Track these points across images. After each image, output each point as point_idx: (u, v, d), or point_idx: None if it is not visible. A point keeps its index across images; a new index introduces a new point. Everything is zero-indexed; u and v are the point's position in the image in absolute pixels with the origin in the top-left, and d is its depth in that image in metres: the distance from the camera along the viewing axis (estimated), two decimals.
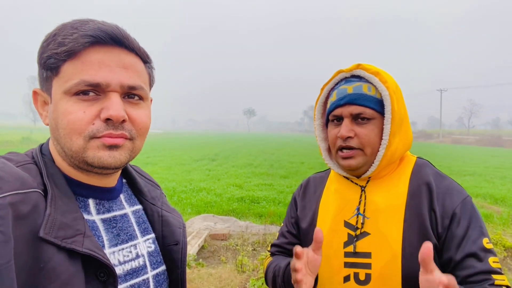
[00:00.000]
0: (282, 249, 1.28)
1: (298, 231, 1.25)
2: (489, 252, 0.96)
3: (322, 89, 1.17)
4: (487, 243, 0.97)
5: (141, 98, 0.74)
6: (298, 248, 0.95)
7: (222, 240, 5.76)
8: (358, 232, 1.07)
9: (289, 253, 1.25)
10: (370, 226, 1.05)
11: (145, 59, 0.76)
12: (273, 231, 6.04)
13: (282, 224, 1.34)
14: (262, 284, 3.97)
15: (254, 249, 5.39)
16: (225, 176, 13.30)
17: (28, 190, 0.62)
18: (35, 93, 0.75)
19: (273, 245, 1.31)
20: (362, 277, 1.03)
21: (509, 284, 0.93)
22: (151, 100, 0.82)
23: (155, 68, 0.81)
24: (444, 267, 0.98)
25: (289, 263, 1.08)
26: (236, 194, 9.60)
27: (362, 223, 1.06)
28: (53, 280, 0.59)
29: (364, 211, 1.07)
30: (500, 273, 0.94)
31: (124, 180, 0.89)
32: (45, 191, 0.66)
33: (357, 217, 1.08)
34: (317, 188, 1.25)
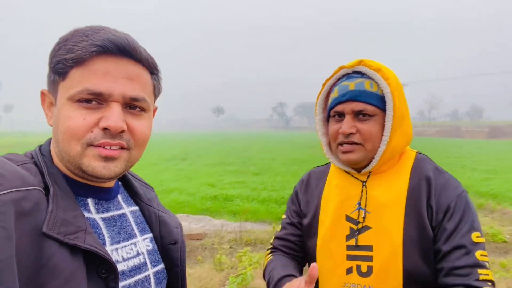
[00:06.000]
0: (285, 241, 1.28)
1: (300, 223, 1.26)
2: (477, 246, 0.97)
3: (324, 84, 1.18)
4: (476, 237, 0.98)
5: (142, 109, 0.75)
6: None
7: (198, 239, 5.73)
8: (359, 226, 1.09)
9: (292, 244, 1.26)
10: (371, 220, 1.07)
11: (152, 70, 0.77)
12: (249, 228, 6.08)
13: (284, 216, 1.33)
14: (242, 281, 4.00)
15: (231, 247, 5.40)
16: (197, 175, 13.18)
17: (29, 187, 0.62)
18: (43, 93, 0.75)
19: (276, 238, 1.31)
20: (364, 269, 1.06)
21: (493, 279, 0.95)
22: (155, 110, 0.82)
23: (162, 78, 0.81)
24: (434, 258, 1.01)
25: (281, 278, 1.09)
26: (209, 193, 9.54)
27: (364, 217, 1.08)
28: (56, 276, 0.59)
29: (365, 206, 1.09)
30: (486, 268, 0.95)
31: (119, 183, 0.91)
32: (45, 189, 0.66)
33: (359, 211, 1.10)
34: (319, 182, 1.26)
